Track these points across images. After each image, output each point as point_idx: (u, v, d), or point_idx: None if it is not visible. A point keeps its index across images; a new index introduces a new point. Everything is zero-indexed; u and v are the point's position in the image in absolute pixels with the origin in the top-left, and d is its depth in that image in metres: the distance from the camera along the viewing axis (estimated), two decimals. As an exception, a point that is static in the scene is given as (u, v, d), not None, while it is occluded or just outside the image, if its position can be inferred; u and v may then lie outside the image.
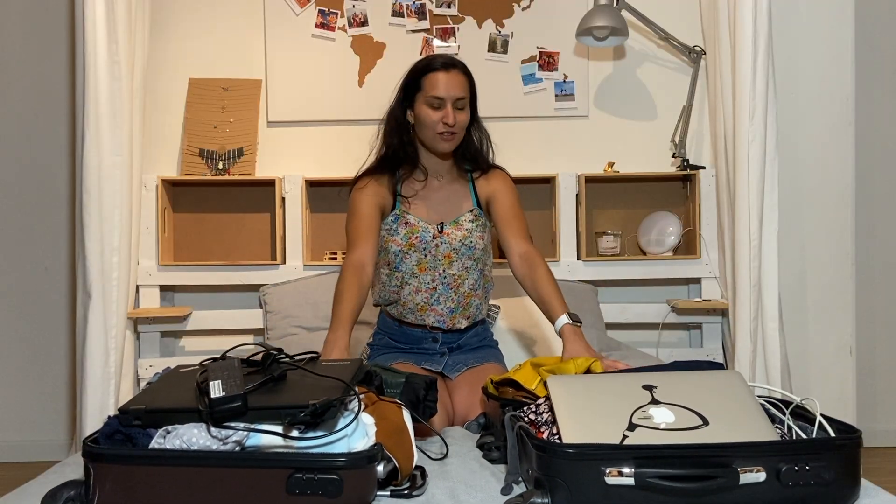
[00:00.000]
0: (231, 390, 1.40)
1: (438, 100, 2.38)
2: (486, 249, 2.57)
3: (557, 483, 1.34)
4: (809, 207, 3.59)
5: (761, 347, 3.06)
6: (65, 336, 3.72)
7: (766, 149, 3.02)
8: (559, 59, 3.59)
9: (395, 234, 2.48)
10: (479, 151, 2.57)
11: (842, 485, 1.37)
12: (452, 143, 2.45)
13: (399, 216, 2.49)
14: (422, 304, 2.50)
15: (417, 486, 1.49)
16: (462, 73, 2.43)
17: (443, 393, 2.37)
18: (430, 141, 2.46)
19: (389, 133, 2.52)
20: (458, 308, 2.52)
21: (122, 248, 3.05)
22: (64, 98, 3.68)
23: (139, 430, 1.43)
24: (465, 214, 2.53)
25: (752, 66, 2.98)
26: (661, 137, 3.59)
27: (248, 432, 1.38)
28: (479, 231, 2.52)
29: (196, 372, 1.59)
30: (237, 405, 1.38)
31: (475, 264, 2.53)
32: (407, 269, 2.49)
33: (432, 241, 2.48)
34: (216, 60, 3.56)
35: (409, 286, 2.49)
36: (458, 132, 2.44)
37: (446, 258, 2.49)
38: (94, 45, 2.93)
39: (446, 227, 2.50)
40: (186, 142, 3.46)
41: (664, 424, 1.46)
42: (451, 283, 2.50)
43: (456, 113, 2.40)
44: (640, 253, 3.56)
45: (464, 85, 2.42)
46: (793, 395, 1.65)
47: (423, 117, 2.42)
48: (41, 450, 3.66)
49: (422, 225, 2.48)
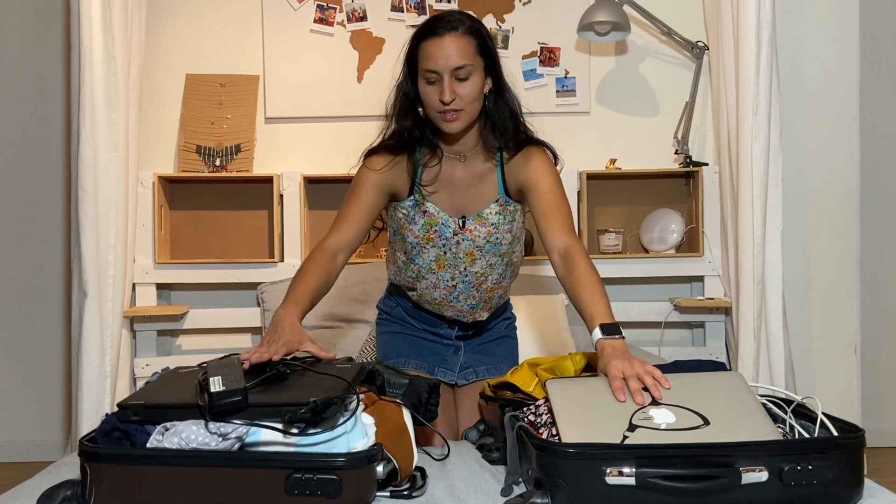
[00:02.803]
0: (232, 385, 1.41)
1: (433, 73, 2.04)
2: (514, 240, 2.29)
3: (558, 483, 1.34)
4: (814, 204, 3.59)
5: (765, 346, 3.06)
6: (60, 335, 3.72)
7: (770, 145, 3.02)
8: (560, 54, 3.59)
9: (412, 222, 2.22)
10: (506, 122, 2.17)
11: (845, 484, 1.37)
12: (458, 122, 2.08)
13: (418, 202, 2.21)
14: (440, 300, 2.31)
15: (417, 487, 1.49)
16: (464, 34, 2.04)
17: (448, 404, 2.31)
18: (435, 121, 2.12)
19: (401, 113, 2.19)
20: (480, 303, 2.33)
21: (118, 245, 3.06)
22: (59, 93, 3.68)
23: (137, 427, 1.43)
24: (490, 206, 2.21)
25: (755, 61, 2.98)
26: (663, 134, 3.59)
27: (248, 427, 1.38)
28: (506, 224, 2.23)
29: (196, 372, 1.60)
30: (238, 399, 1.38)
31: (501, 259, 2.28)
32: (424, 263, 2.25)
33: (453, 237, 2.22)
34: (213, 56, 3.57)
35: (426, 280, 2.28)
36: (464, 107, 2.06)
37: (468, 256, 2.24)
38: (90, 40, 2.93)
39: (469, 222, 2.21)
40: (183, 138, 3.46)
41: (665, 425, 1.47)
42: (472, 282, 2.28)
43: (454, 85, 2.04)
44: (642, 251, 3.57)
45: (464, 50, 2.03)
46: (795, 395, 1.66)
47: (422, 95, 2.10)
48: (36, 450, 3.67)
49: (442, 217, 2.20)
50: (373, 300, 2.79)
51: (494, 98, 2.16)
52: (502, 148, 2.22)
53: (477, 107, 2.12)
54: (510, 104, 2.18)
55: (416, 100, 2.15)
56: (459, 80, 2.04)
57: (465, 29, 2.05)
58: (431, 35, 2.04)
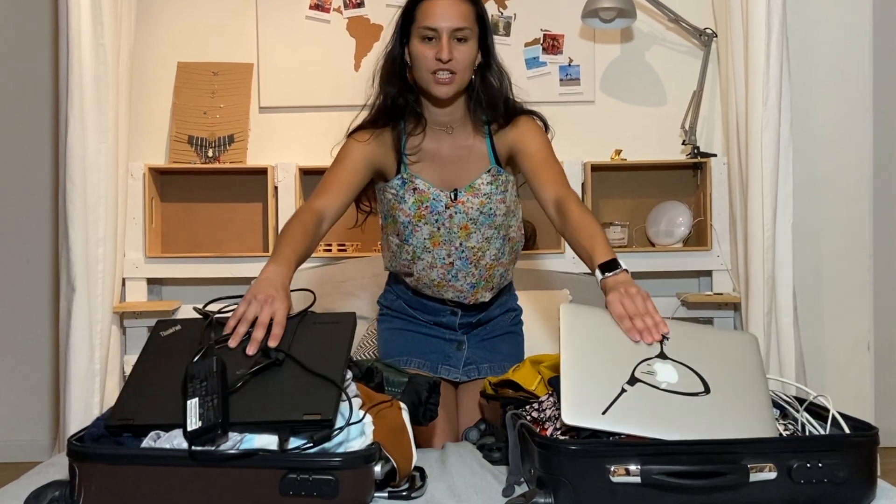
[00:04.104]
0: (208, 418, 1.36)
1: (431, 31, 2.08)
2: (508, 212, 2.31)
3: (561, 482, 1.34)
4: (825, 197, 3.58)
5: (775, 343, 3.06)
6: (48, 331, 3.72)
7: (780, 135, 3.02)
8: (564, 41, 3.59)
9: (402, 201, 2.23)
10: (495, 97, 2.22)
11: (856, 484, 1.37)
12: (451, 86, 2.12)
13: (406, 180, 2.23)
14: (438, 281, 2.30)
15: (416, 488, 1.49)
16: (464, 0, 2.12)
17: (450, 402, 2.31)
18: (426, 84, 2.14)
19: (387, 78, 2.22)
20: (481, 282, 2.32)
21: (107, 239, 3.06)
22: (47, 83, 3.67)
23: (128, 436, 1.44)
24: (481, 176, 2.24)
25: (765, 49, 2.98)
26: (670, 124, 3.58)
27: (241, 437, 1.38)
28: (499, 194, 2.25)
29: (183, 352, 1.57)
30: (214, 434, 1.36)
31: (497, 232, 2.29)
32: (418, 242, 2.26)
33: (445, 211, 2.23)
34: (206, 43, 3.56)
35: (422, 261, 2.29)
36: (459, 72, 2.10)
37: (463, 230, 2.25)
38: (79, 28, 2.92)
39: (461, 194, 2.23)
40: (175, 128, 3.46)
41: (665, 384, 1.50)
42: (469, 258, 2.28)
43: (453, 46, 2.08)
44: (648, 244, 3.57)
45: (465, 13, 2.10)
46: (808, 391, 1.66)
47: (416, 54, 2.12)
48: (23, 450, 3.66)
49: (433, 192, 2.22)
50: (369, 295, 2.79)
51: (483, 72, 2.21)
52: (490, 121, 2.26)
53: (468, 75, 2.16)
54: (500, 77, 2.24)
55: (405, 66, 2.20)
56: (458, 41, 2.10)
57: None
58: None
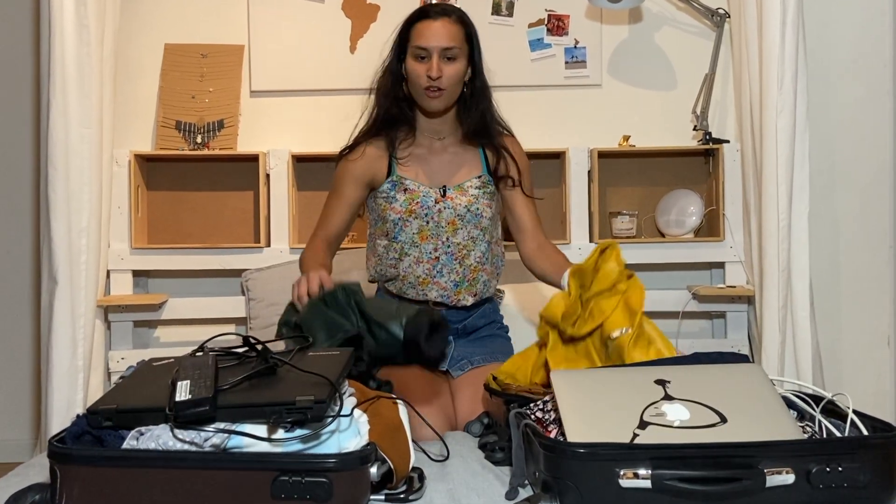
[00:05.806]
0: (199, 393, 1.38)
1: (423, 50, 2.41)
2: (493, 221, 2.58)
3: (567, 486, 1.34)
4: (843, 185, 3.58)
5: (791, 338, 3.06)
6: (28, 325, 3.71)
7: (796, 120, 3.01)
8: (569, 22, 3.57)
9: (393, 201, 2.49)
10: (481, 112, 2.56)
11: (877, 488, 1.37)
12: (440, 100, 2.45)
13: (397, 182, 2.50)
14: (423, 277, 2.49)
15: (414, 490, 1.49)
16: (455, 21, 2.44)
17: (444, 395, 2.38)
18: (418, 97, 2.48)
19: (384, 91, 2.54)
20: (464, 282, 2.51)
21: (91, 229, 3.05)
22: (27, 65, 3.66)
23: (110, 432, 1.43)
24: (471, 179, 2.54)
25: (780, 29, 2.97)
26: (681, 108, 3.57)
27: (229, 434, 1.37)
28: (485, 199, 2.53)
29: (171, 367, 1.59)
30: (204, 409, 1.37)
31: (482, 234, 2.52)
32: (407, 238, 2.48)
33: (434, 206, 2.48)
34: (194, 24, 3.54)
35: (409, 257, 2.49)
36: (447, 87, 2.43)
37: (450, 225, 2.49)
38: (61, 6, 2.92)
39: (449, 192, 2.51)
40: (162, 113, 3.45)
41: (678, 422, 1.46)
42: (455, 254, 2.49)
43: (442, 65, 2.40)
44: (658, 235, 3.56)
45: (454, 34, 2.43)
46: (824, 391, 1.65)
47: (410, 71, 2.45)
48: (2, 450, 3.65)
49: (423, 190, 2.49)
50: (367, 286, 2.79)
51: (472, 86, 2.52)
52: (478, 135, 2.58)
53: (457, 90, 2.49)
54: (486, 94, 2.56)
55: (401, 80, 2.51)
56: (448, 59, 2.41)
57: (457, 17, 2.46)
58: (425, 17, 2.44)
